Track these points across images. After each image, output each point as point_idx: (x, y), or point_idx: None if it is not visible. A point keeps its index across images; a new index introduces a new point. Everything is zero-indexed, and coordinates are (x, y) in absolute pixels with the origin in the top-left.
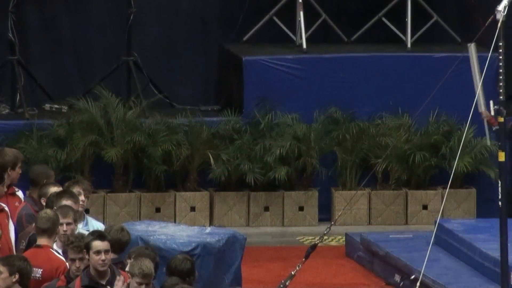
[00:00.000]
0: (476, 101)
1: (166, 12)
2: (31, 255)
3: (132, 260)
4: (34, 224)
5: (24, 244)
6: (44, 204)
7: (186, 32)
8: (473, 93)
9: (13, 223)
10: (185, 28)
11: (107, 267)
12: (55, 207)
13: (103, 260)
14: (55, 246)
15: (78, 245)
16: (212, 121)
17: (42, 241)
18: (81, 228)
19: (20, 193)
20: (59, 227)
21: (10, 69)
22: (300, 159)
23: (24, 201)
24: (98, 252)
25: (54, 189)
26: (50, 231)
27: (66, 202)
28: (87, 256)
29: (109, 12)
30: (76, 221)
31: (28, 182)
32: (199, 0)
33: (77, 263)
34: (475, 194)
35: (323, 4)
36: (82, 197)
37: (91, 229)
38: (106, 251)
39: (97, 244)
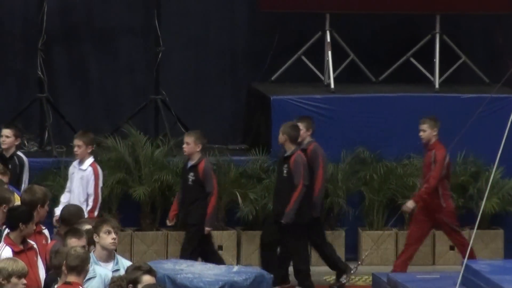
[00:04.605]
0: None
1: (195, 51)
2: None
3: None
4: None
5: None
6: None
7: (215, 71)
8: (501, 133)
9: (42, 261)
10: (214, 67)
11: None
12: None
13: None
14: None
15: (120, 285)
16: (240, 160)
17: (71, 278)
18: (112, 267)
19: (46, 231)
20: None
21: (39, 107)
22: (327, 199)
23: (54, 239)
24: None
25: (88, 226)
26: (79, 268)
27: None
28: None
29: (137, 51)
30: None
31: (52, 220)
32: (227, 40)
33: None
34: (503, 235)
35: (351, 44)
36: (113, 235)
37: (121, 268)
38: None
39: (147, 279)
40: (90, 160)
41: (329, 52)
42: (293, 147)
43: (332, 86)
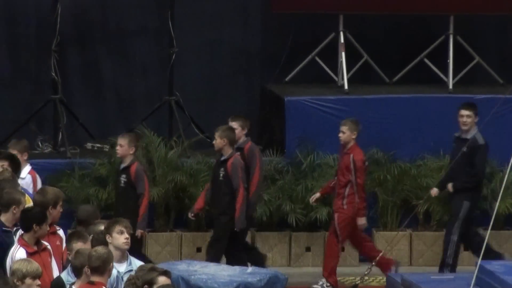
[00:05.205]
0: None
1: (208, 52)
2: None
3: None
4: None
5: None
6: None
7: (228, 72)
8: None
9: (56, 262)
10: (227, 68)
11: None
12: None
13: None
14: None
15: (135, 283)
16: None
17: (94, 278)
18: (125, 267)
19: (61, 232)
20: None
21: (53, 108)
22: None
23: None
24: None
25: (102, 227)
26: (101, 268)
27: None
28: None
29: (151, 52)
30: None
31: (68, 221)
32: (241, 41)
33: None
34: None
35: (364, 45)
36: (125, 235)
37: (134, 269)
38: None
39: (163, 280)
40: (28, 168)
41: (343, 53)
42: (230, 151)
43: (346, 87)
